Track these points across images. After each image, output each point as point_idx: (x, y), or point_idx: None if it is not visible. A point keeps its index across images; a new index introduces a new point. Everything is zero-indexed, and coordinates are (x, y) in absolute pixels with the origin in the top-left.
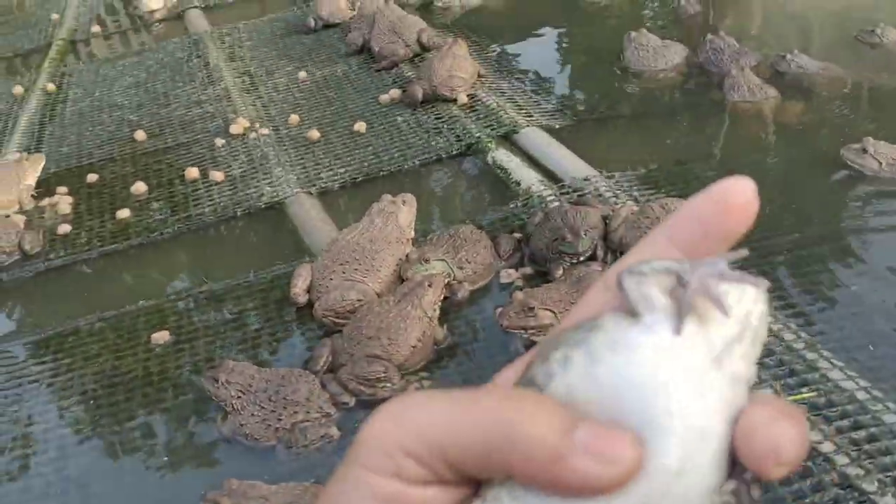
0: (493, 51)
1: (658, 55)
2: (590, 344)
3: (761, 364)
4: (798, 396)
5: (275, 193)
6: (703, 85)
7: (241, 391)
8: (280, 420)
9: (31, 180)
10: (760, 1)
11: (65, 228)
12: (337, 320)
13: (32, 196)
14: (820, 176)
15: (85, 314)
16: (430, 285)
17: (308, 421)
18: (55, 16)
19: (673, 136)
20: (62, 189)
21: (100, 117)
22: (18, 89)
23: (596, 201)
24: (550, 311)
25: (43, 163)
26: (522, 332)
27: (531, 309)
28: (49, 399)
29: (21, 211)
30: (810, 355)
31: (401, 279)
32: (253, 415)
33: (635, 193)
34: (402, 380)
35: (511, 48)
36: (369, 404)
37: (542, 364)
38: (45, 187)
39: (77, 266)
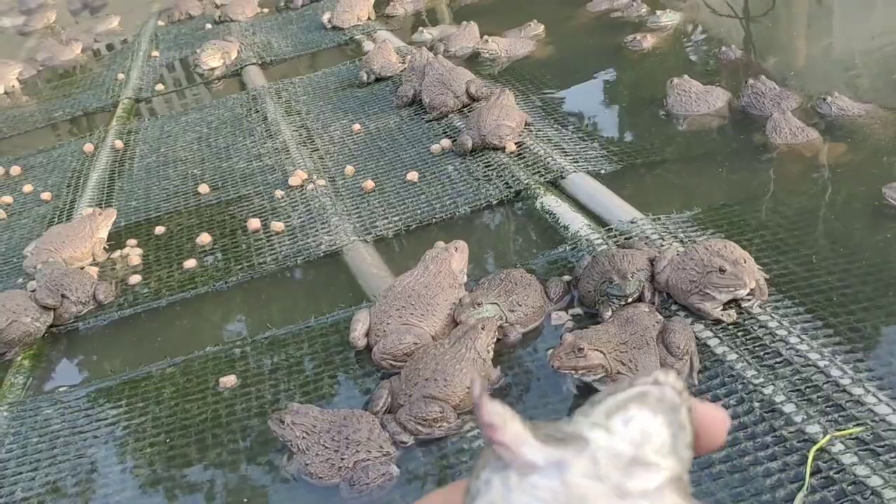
0: (540, 99)
1: (700, 100)
2: (506, 473)
3: (809, 400)
4: (846, 432)
5: (332, 242)
6: (745, 128)
7: (305, 432)
8: (343, 459)
9: (104, 233)
10: (802, 44)
11: (135, 279)
12: (394, 363)
13: (105, 249)
14: (863, 215)
15: (156, 360)
16: (483, 328)
17: (369, 460)
18: (121, 76)
19: (716, 178)
20: (132, 241)
21: (165, 172)
22: (89, 147)
23: (642, 244)
24: (600, 351)
25: (114, 217)
26: (573, 372)
27: (581, 350)
28: (124, 441)
29: (94, 263)
30: (857, 390)
31: (454, 323)
32: (317, 454)
33: (681, 235)
34: (458, 419)
35: (556, 95)
36: (427, 443)
37: (474, 479)
38: (115, 240)
39: (147, 314)
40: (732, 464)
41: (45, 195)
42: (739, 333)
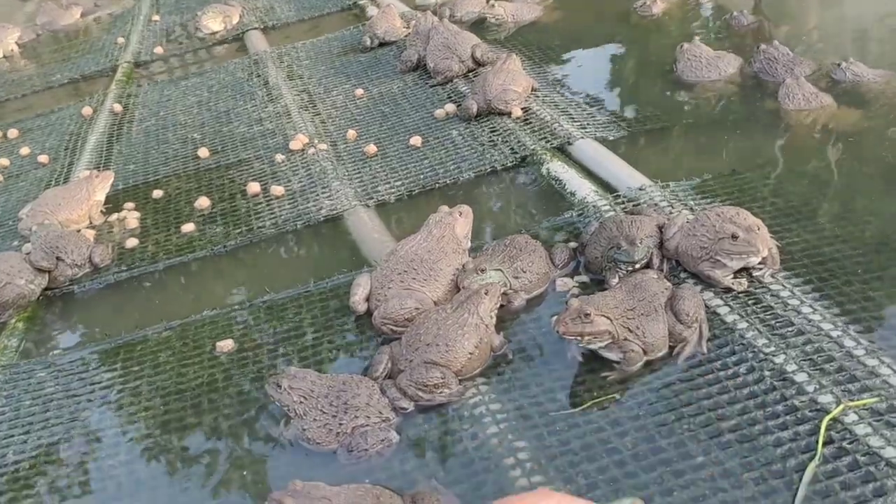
0: (547, 64)
1: (711, 66)
2: None
3: (821, 370)
4: (859, 402)
5: (333, 207)
6: (756, 94)
7: (303, 397)
8: (341, 424)
9: (101, 196)
10: (815, 10)
11: (132, 242)
12: (395, 328)
13: (102, 212)
14: (878, 182)
15: (152, 324)
16: (486, 293)
17: (368, 425)
18: (121, 39)
19: (727, 145)
20: (129, 205)
21: (164, 135)
22: (87, 110)
23: (651, 210)
24: (607, 317)
25: (112, 179)
26: (578, 338)
27: (587, 315)
28: (119, 405)
29: (91, 226)
30: (871, 361)
31: (458, 289)
32: (315, 419)
33: (690, 203)
34: (460, 386)
35: (564, 61)
36: (427, 409)
37: None
38: (113, 203)
39: (144, 278)
40: (742, 433)
41: (43, 158)
42: (750, 302)
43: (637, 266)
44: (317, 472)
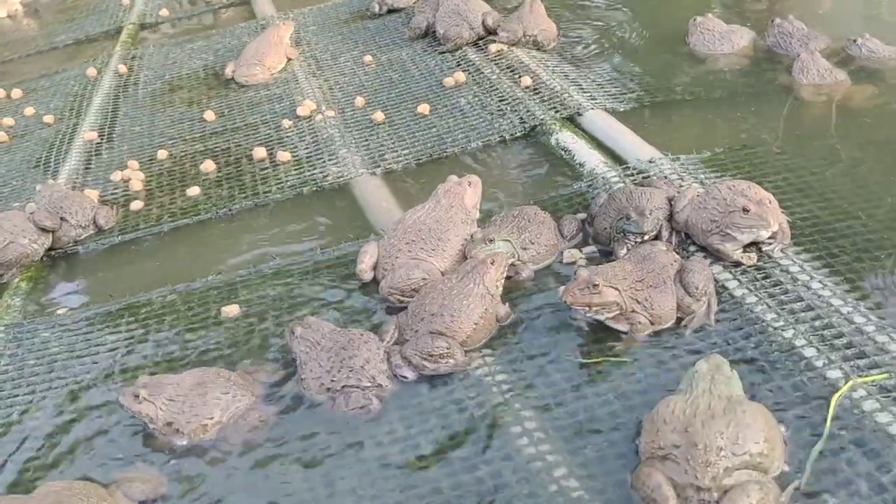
0: (557, 35)
1: (724, 39)
2: None
3: (831, 345)
4: (868, 378)
5: (340, 174)
6: (770, 68)
7: (309, 347)
8: (333, 381)
9: (287, 39)
10: None
11: (137, 205)
12: (402, 298)
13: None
14: (889, 159)
15: (156, 287)
16: (492, 263)
17: (357, 387)
18: (125, 1)
19: (739, 119)
20: (133, 164)
21: (170, 98)
22: (92, 71)
23: (661, 183)
24: (615, 288)
25: (293, 27)
26: (586, 308)
27: (595, 286)
28: (124, 367)
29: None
30: (880, 338)
31: (465, 259)
32: (311, 370)
33: (701, 176)
34: (465, 356)
35: (575, 32)
36: (433, 378)
37: None
38: (118, 165)
39: (148, 240)
40: None
41: (48, 118)
42: (759, 276)
43: (646, 238)
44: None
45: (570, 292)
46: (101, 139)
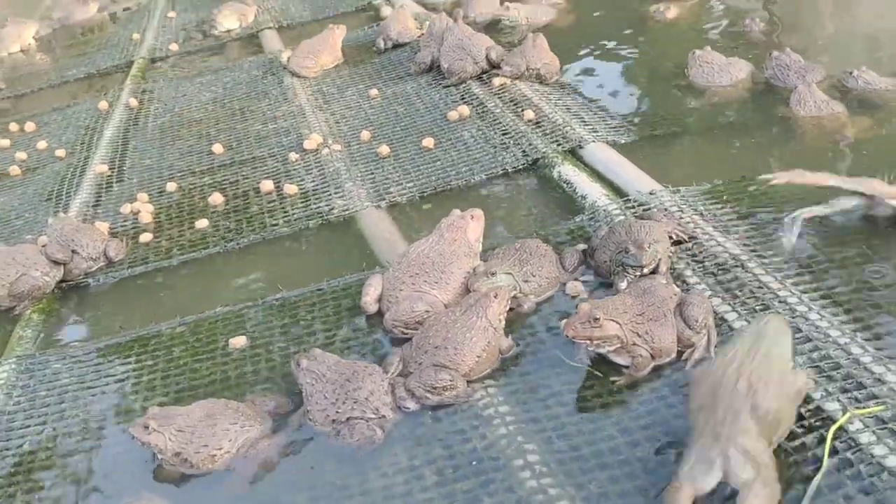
0: (559, 67)
1: (723, 71)
2: None
3: (829, 377)
4: (866, 410)
5: (346, 207)
6: (768, 100)
7: (315, 378)
8: (338, 412)
9: (339, 44)
10: (827, 18)
11: (146, 237)
12: (406, 330)
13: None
14: None
15: (165, 319)
16: (495, 296)
17: (361, 419)
18: (136, 35)
19: (738, 150)
20: (143, 197)
21: (179, 131)
22: (104, 104)
23: (662, 215)
24: (616, 322)
25: (345, 30)
26: (588, 342)
27: (596, 319)
28: (133, 398)
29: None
30: (878, 369)
31: (468, 291)
32: (317, 402)
33: (700, 208)
34: (468, 388)
35: (576, 65)
36: (437, 409)
37: None
38: (128, 198)
39: (158, 273)
40: None
41: (60, 152)
42: (758, 308)
43: (645, 271)
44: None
45: (572, 326)
46: (112, 172)
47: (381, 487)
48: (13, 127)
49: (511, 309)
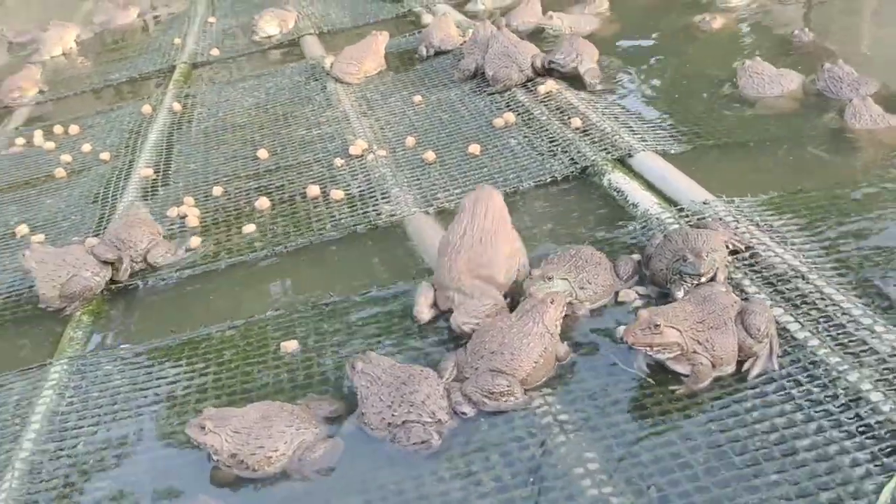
0: (605, 76)
1: (773, 82)
2: None
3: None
4: None
5: (393, 212)
6: (821, 112)
7: (370, 381)
8: (394, 415)
9: (382, 51)
10: (873, 30)
11: (196, 241)
12: (475, 328)
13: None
14: None
15: (214, 322)
16: (552, 302)
17: (417, 422)
18: (177, 40)
19: (791, 162)
20: (189, 200)
21: (224, 136)
22: (147, 108)
23: (717, 224)
24: (676, 329)
25: (388, 37)
26: (648, 348)
27: (657, 326)
28: (185, 401)
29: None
30: None
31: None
32: (373, 405)
33: (756, 219)
34: (526, 395)
35: (623, 74)
36: (494, 415)
37: None
38: (174, 201)
39: (205, 276)
40: (818, 452)
41: (104, 155)
42: (821, 319)
43: (702, 280)
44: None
45: (632, 332)
46: (157, 176)
47: (438, 493)
48: (57, 129)
49: (566, 316)
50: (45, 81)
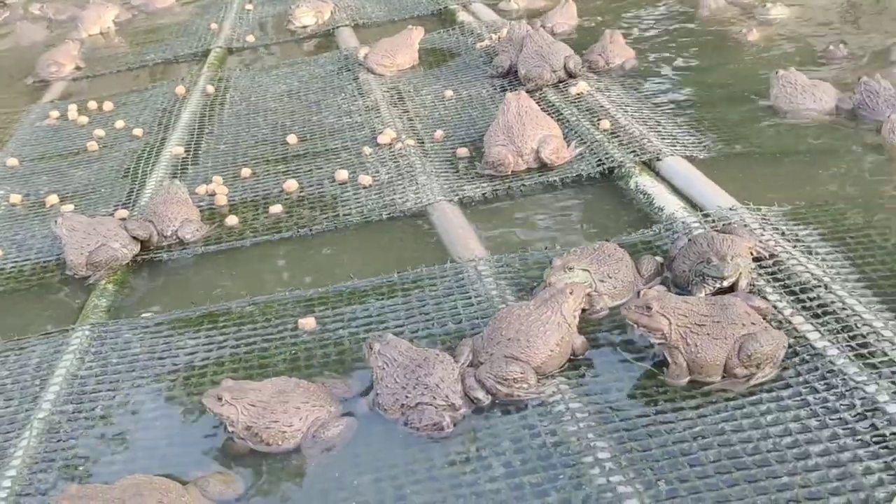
0: (638, 80)
1: (807, 94)
2: None
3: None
4: None
5: (419, 200)
6: (857, 126)
7: (386, 363)
8: (407, 397)
9: (416, 45)
10: None
11: (232, 220)
12: None
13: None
14: None
15: (236, 297)
16: (571, 292)
17: (430, 405)
18: (213, 25)
19: (822, 175)
20: (218, 179)
21: (255, 120)
22: (181, 89)
23: (743, 231)
24: (667, 318)
25: (423, 33)
26: (636, 326)
27: (649, 308)
28: (203, 371)
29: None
30: None
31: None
32: (387, 387)
33: (782, 228)
34: (539, 383)
35: (654, 78)
36: (507, 403)
37: None
38: (204, 180)
39: (231, 253)
40: (830, 458)
41: (137, 131)
42: (842, 329)
43: (724, 283)
44: (377, 440)
45: (628, 307)
46: (188, 154)
47: (449, 475)
48: (91, 105)
49: (584, 309)
50: (83, 58)
